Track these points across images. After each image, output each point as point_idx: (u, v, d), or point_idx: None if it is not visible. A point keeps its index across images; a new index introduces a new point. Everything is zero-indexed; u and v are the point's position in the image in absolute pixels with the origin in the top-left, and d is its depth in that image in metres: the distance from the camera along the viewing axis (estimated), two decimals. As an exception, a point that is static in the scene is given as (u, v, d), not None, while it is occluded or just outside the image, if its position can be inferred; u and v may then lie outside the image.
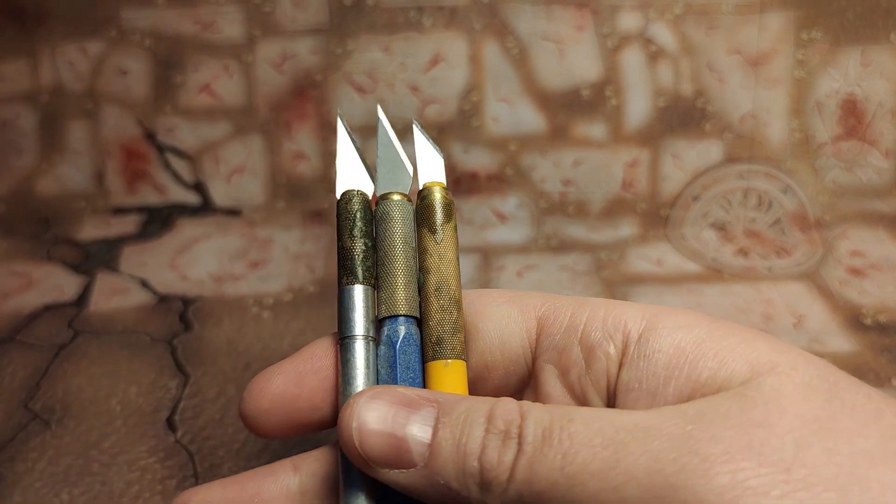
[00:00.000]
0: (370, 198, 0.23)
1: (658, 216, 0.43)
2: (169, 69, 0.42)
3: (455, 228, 0.23)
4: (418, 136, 0.24)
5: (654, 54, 0.42)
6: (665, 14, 0.41)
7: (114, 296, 0.39)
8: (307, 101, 0.43)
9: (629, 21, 0.41)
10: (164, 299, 0.39)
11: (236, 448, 0.31)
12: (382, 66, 0.42)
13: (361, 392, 0.20)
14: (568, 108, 0.42)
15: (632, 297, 0.38)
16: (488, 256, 0.42)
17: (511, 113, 0.43)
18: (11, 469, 0.29)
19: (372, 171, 0.24)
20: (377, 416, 0.19)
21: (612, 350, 0.21)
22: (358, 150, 0.24)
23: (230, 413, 0.32)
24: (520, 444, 0.18)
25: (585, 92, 0.42)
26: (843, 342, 0.36)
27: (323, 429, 0.23)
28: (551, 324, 0.22)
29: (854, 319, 0.37)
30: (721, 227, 0.43)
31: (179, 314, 0.38)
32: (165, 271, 0.41)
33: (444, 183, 0.23)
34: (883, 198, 0.42)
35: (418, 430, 0.19)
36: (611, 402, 0.21)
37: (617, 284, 0.40)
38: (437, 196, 0.23)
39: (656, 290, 0.39)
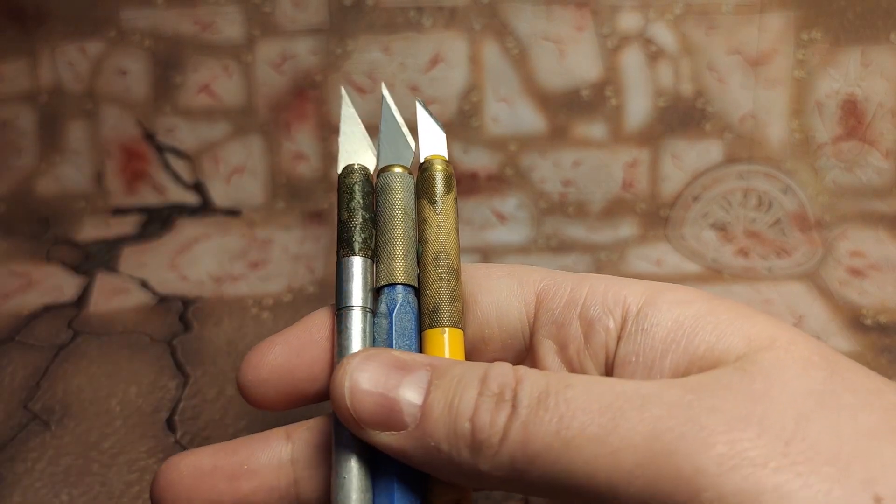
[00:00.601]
0: (371, 172, 0.23)
1: (658, 216, 0.43)
2: (168, 69, 0.42)
3: (455, 201, 0.23)
4: (421, 112, 0.24)
5: (654, 54, 0.42)
6: (665, 14, 0.41)
7: (113, 296, 0.39)
8: (307, 101, 0.43)
9: (629, 21, 0.41)
10: (163, 300, 0.39)
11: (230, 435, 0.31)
12: (382, 66, 0.42)
13: (355, 353, 0.19)
14: (568, 108, 0.42)
15: (632, 297, 0.38)
16: (488, 257, 0.42)
17: (511, 113, 0.43)
18: (11, 469, 0.29)
19: (375, 146, 0.24)
20: (369, 376, 0.19)
21: (611, 324, 0.20)
22: (361, 125, 0.24)
23: (230, 413, 0.32)
24: (514, 406, 0.17)
25: (585, 92, 0.42)
26: (843, 342, 0.36)
27: (321, 400, 0.22)
28: (550, 298, 0.22)
29: (854, 320, 0.37)
30: (721, 228, 0.43)
31: (179, 314, 0.38)
32: (165, 272, 0.41)
33: (446, 157, 0.23)
34: (883, 198, 0.42)
35: (410, 393, 0.19)
36: (608, 375, 0.21)
37: (617, 285, 0.40)
38: (438, 168, 0.23)
39: (656, 290, 0.39)
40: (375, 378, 0.19)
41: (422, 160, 0.23)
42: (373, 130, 0.24)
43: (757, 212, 0.43)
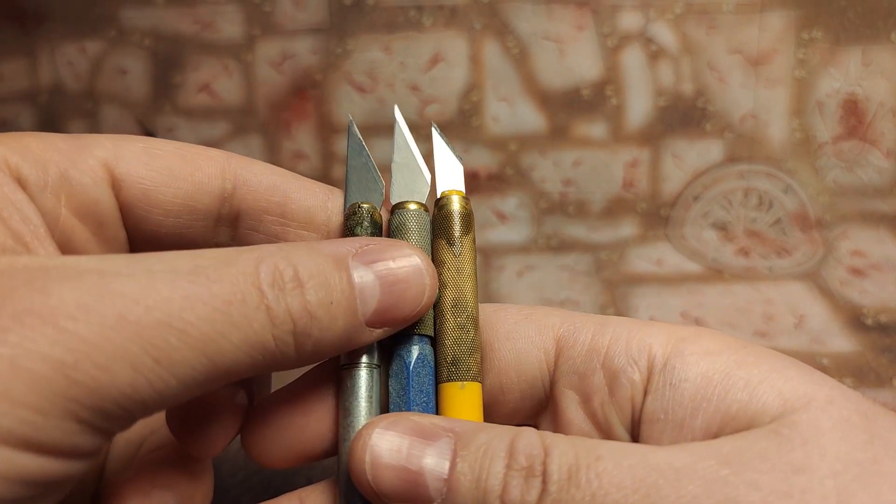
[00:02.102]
0: (379, 211, 0.22)
1: (658, 216, 0.43)
2: (168, 69, 0.42)
3: (473, 241, 0.22)
4: (437, 142, 0.23)
5: (655, 54, 0.42)
6: (665, 14, 0.41)
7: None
8: (307, 100, 0.43)
9: (629, 20, 0.41)
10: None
11: (236, 447, 0.31)
12: (382, 65, 0.42)
13: (373, 421, 0.18)
14: (568, 107, 0.42)
15: (632, 297, 0.38)
16: (488, 256, 0.42)
17: (511, 112, 0.43)
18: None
19: (382, 176, 0.23)
20: (390, 448, 0.18)
21: (636, 377, 0.19)
22: (368, 155, 0.23)
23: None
24: (544, 482, 0.17)
25: (586, 91, 0.42)
26: (843, 342, 0.36)
27: (328, 457, 0.22)
28: (571, 346, 0.21)
29: (855, 319, 0.37)
30: (722, 227, 0.43)
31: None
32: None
33: (464, 191, 0.22)
34: (884, 198, 0.42)
35: (435, 464, 0.18)
36: (635, 430, 0.20)
37: (617, 284, 0.40)
38: (456, 206, 0.22)
39: (656, 290, 0.39)
40: (397, 449, 0.18)
41: (438, 194, 0.22)
42: (373, 130, 0.24)
43: (757, 211, 0.43)
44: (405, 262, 0.19)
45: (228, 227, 0.23)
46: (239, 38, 0.42)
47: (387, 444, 0.18)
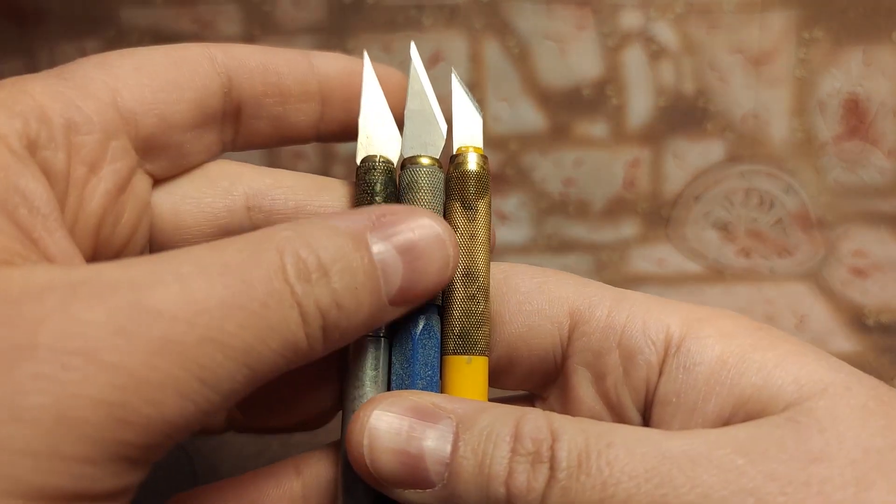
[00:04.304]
0: (394, 165, 0.20)
1: (659, 216, 0.43)
2: (168, 68, 0.42)
3: (489, 205, 0.20)
4: (457, 90, 0.21)
5: (656, 53, 0.42)
6: (666, 13, 0.41)
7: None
8: (307, 100, 0.43)
9: (630, 20, 0.41)
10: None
11: (236, 448, 0.31)
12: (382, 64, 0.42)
13: (370, 402, 0.18)
14: (568, 107, 0.42)
15: (633, 297, 0.38)
16: (489, 256, 0.42)
17: (511, 112, 0.42)
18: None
19: (399, 124, 0.21)
20: (389, 430, 0.17)
21: (653, 358, 0.19)
22: (384, 100, 0.21)
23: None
24: (552, 468, 0.16)
25: (586, 91, 0.42)
26: (845, 343, 0.36)
27: (326, 422, 0.21)
28: (586, 321, 0.20)
29: (856, 320, 0.37)
30: (723, 227, 0.43)
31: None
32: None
33: (482, 148, 0.21)
34: (885, 198, 0.42)
35: (436, 447, 0.17)
36: (647, 411, 0.19)
37: (618, 285, 0.39)
38: (473, 165, 0.20)
39: (658, 290, 0.39)
40: (396, 431, 0.17)
41: (454, 150, 0.21)
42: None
43: (758, 211, 0.43)
44: (426, 232, 0.18)
45: (232, 121, 0.22)
46: (238, 38, 0.42)
47: (385, 425, 0.17)
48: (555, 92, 0.42)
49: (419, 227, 0.18)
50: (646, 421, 0.20)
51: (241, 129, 0.23)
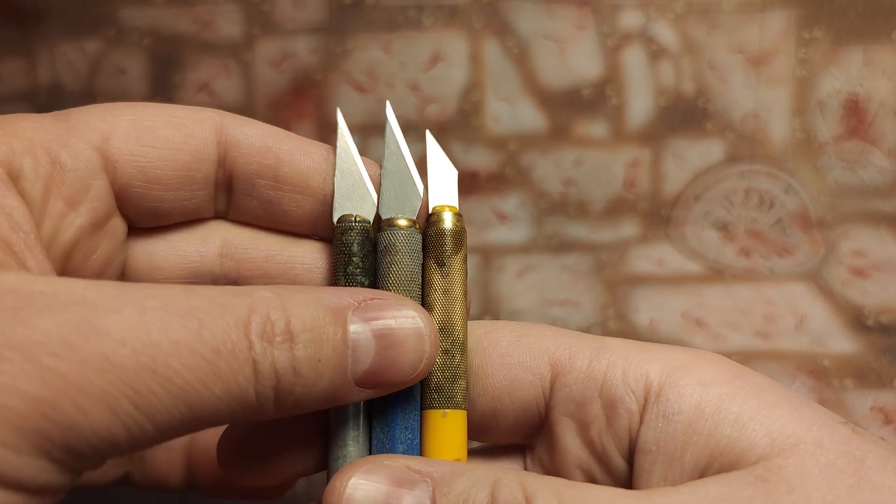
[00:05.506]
0: (370, 224, 0.21)
1: (659, 216, 0.43)
2: (167, 68, 0.42)
3: (464, 259, 0.21)
4: (432, 148, 0.22)
5: (655, 53, 0.42)
6: (666, 13, 0.41)
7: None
8: (306, 100, 0.43)
9: (630, 20, 0.41)
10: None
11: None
12: (382, 65, 0.42)
13: (346, 469, 0.18)
14: (568, 107, 0.42)
15: (633, 297, 0.38)
16: (488, 256, 0.42)
17: (511, 112, 0.42)
18: None
19: (375, 183, 0.21)
20: (366, 498, 0.18)
21: (633, 407, 0.19)
22: (358, 158, 0.21)
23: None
24: None
25: (586, 91, 0.42)
26: (844, 343, 0.36)
27: (308, 475, 0.21)
28: (567, 372, 0.20)
29: (856, 320, 0.37)
30: (723, 227, 0.43)
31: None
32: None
33: (457, 206, 0.21)
34: (885, 198, 0.42)
35: None
36: (631, 459, 0.19)
37: (618, 285, 0.39)
38: (449, 224, 0.21)
39: (657, 290, 0.39)
40: (373, 500, 0.18)
41: (430, 209, 0.21)
42: (372, 130, 0.23)
43: (758, 211, 0.43)
44: (407, 322, 0.19)
45: (225, 192, 0.23)
46: (238, 38, 0.42)
47: (362, 494, 0.18)
48: (555, 92, 0.42)
49: (402, 316, 0.19)
50: (632, 467, 0.20)
51: (234, 203, 0.23)
